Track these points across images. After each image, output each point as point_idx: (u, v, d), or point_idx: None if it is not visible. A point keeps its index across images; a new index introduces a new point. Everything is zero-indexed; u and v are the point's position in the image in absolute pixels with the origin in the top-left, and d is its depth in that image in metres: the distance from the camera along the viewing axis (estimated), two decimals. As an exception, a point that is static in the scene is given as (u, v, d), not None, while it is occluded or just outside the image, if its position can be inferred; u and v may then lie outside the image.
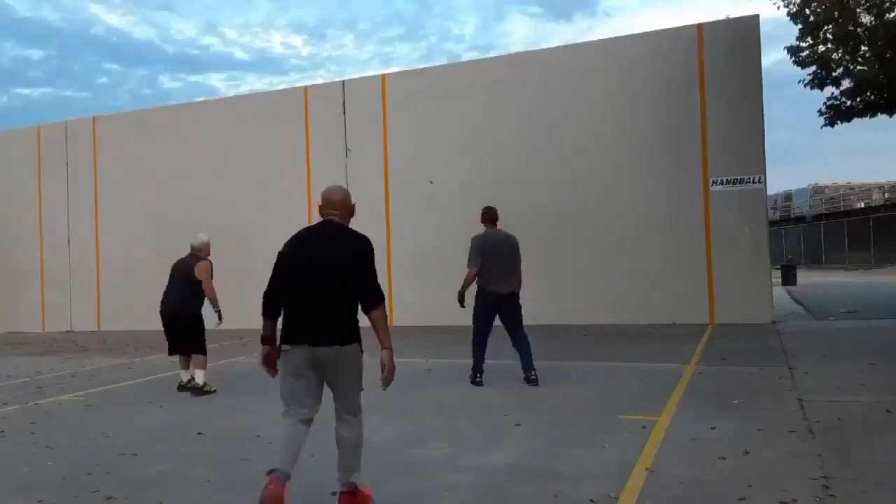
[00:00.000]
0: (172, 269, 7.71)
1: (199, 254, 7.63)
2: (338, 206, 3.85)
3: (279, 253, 3.86)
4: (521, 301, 7.34)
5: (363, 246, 3.74)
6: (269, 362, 3.84)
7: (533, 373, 6.99)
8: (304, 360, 3.59)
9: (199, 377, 7.36)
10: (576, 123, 13.32)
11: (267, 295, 3.82)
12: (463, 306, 7.19)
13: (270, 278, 3.83)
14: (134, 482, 4.36)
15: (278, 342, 3.74)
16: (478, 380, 7.16)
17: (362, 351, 3.69)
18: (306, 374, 3.63)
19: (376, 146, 14.68)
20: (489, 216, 7.30)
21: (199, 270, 7.45)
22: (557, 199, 13.33)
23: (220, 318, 7.57)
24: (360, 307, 3.69)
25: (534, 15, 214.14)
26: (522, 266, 7.35)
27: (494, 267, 6.99)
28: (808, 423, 5.10)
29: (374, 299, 3.66)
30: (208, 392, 7.30)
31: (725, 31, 12.55)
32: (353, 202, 3.92)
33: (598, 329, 11.89)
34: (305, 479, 3.98)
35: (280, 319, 3.78)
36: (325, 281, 3.62)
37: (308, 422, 3.70)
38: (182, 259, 7.69)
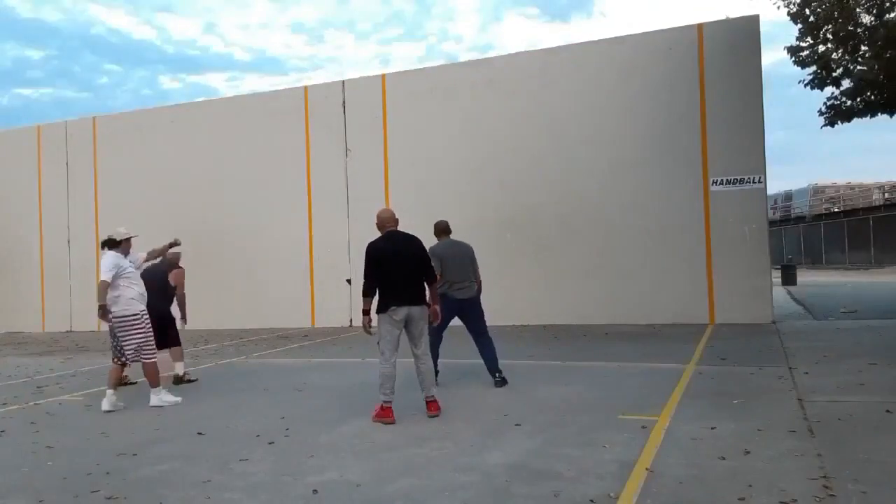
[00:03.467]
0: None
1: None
2: (392, 221, 6.03)
3: (373, 252, 5.80)
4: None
5: (421, 243, 6.04)
6: (368, 326, 5.92)
7: (499, 374, 7.09)
8: (404, 316, 5.75)
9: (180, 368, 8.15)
10: (576, 123, 13.32)
11: (368, 283, 5.79)
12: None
13: (370, 270, 5.77)
14: (134, 482, 4.36)
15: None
16: None
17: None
18: (400, 326, 5.78)
19: (376, 146, 14.68)
20: (441, 228, 7.40)
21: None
22: (557, 198, 13.34)
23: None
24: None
25: (531, 16, 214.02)
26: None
27: (454, 273, 7.08)
28: (808, 423, 5.09)
29: (433, 278, 6.04)
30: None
31: (725, 31, 12.55)
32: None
33: (598, 329, 11.89)
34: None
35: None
36: (412, 266, 5.85)
37: (395, 363, 5.80)
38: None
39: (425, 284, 5.98)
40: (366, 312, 5.88)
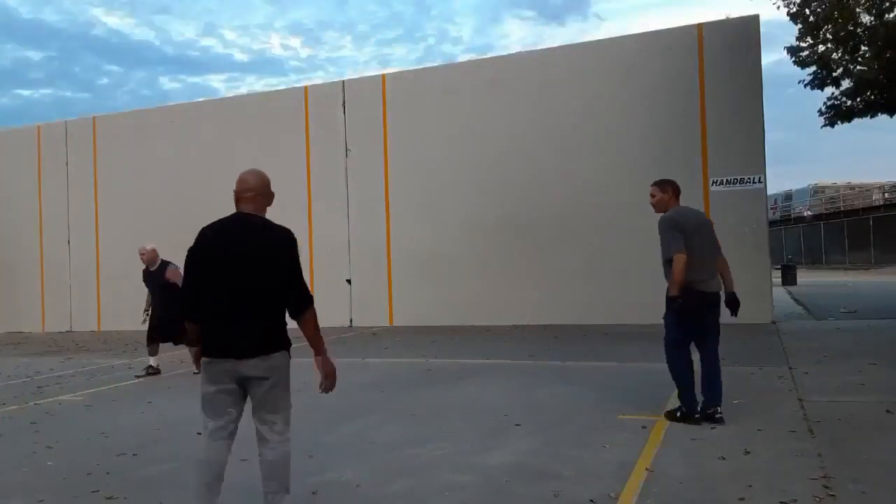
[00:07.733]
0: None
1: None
2: (249, 192, 3.91)
3: (194, 247, 3.53)
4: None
5: (284, 239, 3.68)
6: (198, 362, 3.64)
7: (718, 412, 5.18)
8: (228, 374, 3.44)
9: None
10: (576, 123, 13.31)
11: (186, 297, 3.48)
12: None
13: (187, 277, 3.46)
14: (134, 482, 4.36)
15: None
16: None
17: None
18: (231, 386, 3.54)
19: (376, 146, 14.68)
20: (676, 189, 6.03)
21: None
22: (557, 198, 13.32)
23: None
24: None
25: (527, 18, 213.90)
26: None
27: (699, 253, 5.54)
28: (808, 423, 5.10)
29: (302, 302, 3.46)
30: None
31: (725, 31, 12.54)
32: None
33: (598, 329, 11.88)
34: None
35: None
36: (248, 280, 3.38)
37: (224, 446, 3.82)
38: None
39: (287, 313, 3.38)
40: (191, 343, 3.65)
